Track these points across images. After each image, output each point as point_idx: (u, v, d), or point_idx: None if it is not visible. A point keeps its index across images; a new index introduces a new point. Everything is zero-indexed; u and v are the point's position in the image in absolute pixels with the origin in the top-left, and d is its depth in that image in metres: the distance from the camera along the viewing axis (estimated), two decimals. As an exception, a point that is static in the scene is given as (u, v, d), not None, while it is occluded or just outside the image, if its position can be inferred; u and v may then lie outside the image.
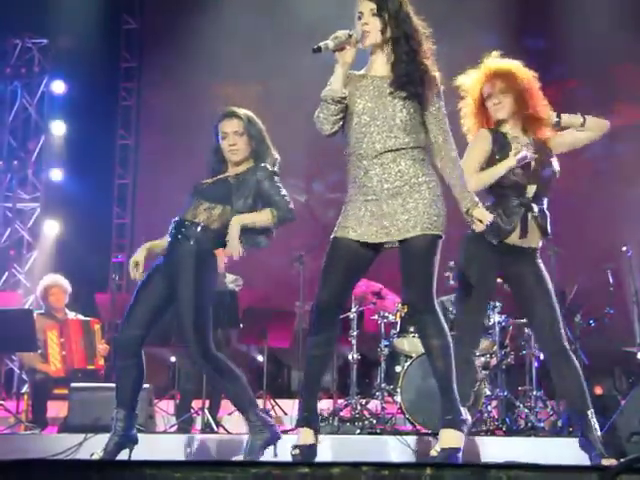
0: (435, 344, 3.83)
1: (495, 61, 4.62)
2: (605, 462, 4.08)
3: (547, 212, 4.53)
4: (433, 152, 3.91)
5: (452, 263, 7.19)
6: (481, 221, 3.86)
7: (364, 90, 3.88)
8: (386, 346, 6.92)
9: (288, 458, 3.79)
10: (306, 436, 3.85)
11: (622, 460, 2.25)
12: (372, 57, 3.96)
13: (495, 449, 5.30)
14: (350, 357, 7.06)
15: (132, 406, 4.48)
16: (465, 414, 3.92)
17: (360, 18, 3.87)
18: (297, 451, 3.78)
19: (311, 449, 3.82)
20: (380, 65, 3.94)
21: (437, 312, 3.84)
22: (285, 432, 6.31)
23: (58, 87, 11.39)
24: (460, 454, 3.80)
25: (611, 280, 7.39)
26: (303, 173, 10.29)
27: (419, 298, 3.81)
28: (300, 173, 10.03)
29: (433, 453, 3.82)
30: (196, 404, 6.99)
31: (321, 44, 3.71)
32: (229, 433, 6.36)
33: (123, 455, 4.35)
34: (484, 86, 4.58)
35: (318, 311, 3.88)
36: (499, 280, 4.76)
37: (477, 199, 3.91)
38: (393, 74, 3.88)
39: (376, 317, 7.12)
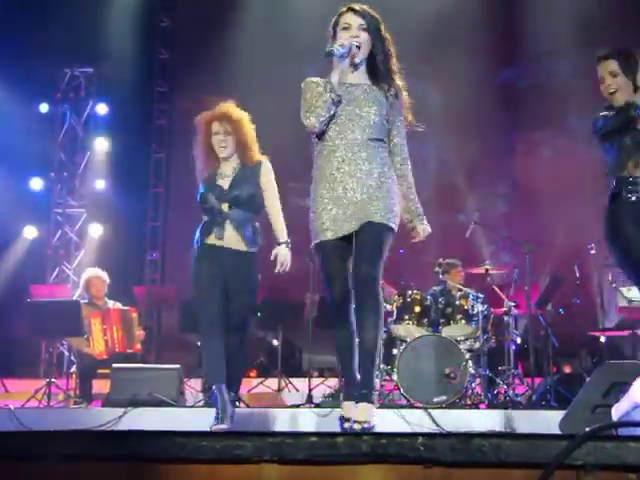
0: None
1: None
2: None
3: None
4: (392, 157, 3.82)
5: (440, 259, 7.22)
6: (420, 234, 3.82)
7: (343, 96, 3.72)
8: (384, 331, 6.90)
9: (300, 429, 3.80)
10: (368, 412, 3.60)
11: (588, 429, 2.24)
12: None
13: (479, 420, 5.29)
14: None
15: None
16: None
17: (347, 29, 3.74)
18: (348, 424, 3.62)
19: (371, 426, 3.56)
20: (358, 74, 3.81)
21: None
22: (297, 406, 6.33)
23: (101, 109, 11.42)
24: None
25: (578, 274, 7.37)
26: (303, 177, 10.16)
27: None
28: (300, 177, 9.89)
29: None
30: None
31: (334, 49, 3.63)
32: (248, 407, 6.36)
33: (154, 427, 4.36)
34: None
35: (336, 305, 3.75)
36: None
37: (422, 213, 3.84)
38: (372, 83, 3.78)
39: (375, 306, 7.09)
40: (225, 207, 4.64)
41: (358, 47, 3.70)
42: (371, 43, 3.76)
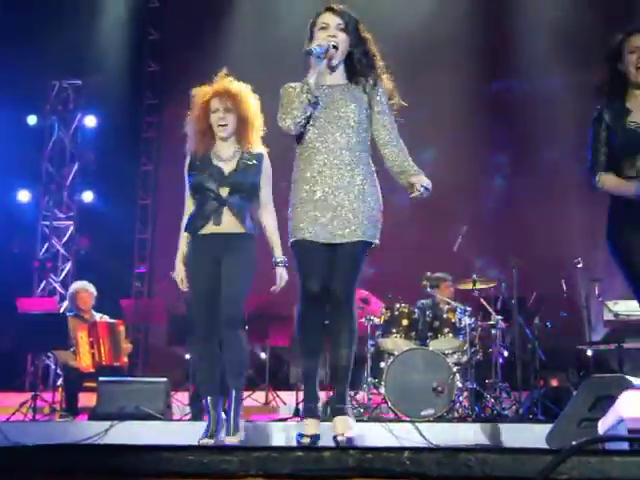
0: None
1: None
2: None
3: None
4: (377, 141, 3.74)
5: (428, 273, 7.23)
6: (415, 186, 3.65)
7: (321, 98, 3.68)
8: (372, 345, 6.89)
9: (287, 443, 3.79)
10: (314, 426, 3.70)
11: (574, 443, 2.24)
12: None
13: (466, 434, 5.29)
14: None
15: None
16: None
17: (324, 29, 3.67)
18: (307, 440, 3.63)
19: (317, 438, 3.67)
20: (336, 75, 3.76)
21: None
22: (284, 420, 6.32)
23: (90, 121, 11.43)
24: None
25: (565, 288, 7.40)
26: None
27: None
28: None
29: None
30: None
31: (312, 49, 3.58)
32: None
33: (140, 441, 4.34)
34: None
35: (310, 299, 3.64)
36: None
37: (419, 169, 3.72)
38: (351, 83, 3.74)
39: (363, 320, 7.09)
40: (224, 192, 4.30)
41: (335, 47, 3.64)
42: (349, 43, 3.69)
